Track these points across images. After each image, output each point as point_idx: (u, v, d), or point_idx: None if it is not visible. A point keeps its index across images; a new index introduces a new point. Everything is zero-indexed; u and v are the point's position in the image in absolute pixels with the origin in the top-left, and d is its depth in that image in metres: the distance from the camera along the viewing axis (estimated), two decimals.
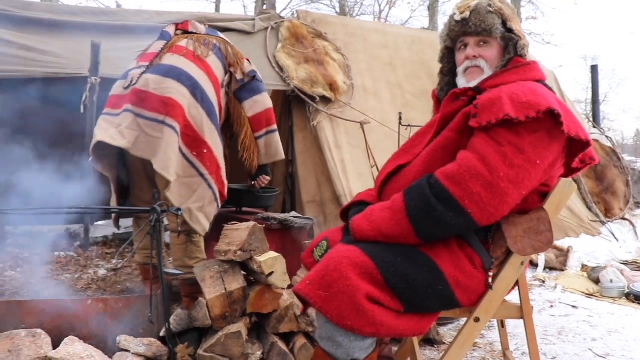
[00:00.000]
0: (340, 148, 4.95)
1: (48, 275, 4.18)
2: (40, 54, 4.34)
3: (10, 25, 4.46)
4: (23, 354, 2.34)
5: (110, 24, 4.86)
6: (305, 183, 4.94)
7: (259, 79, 3.36)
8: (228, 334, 2.46)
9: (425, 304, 1.83)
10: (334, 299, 1.74)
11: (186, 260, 3.02)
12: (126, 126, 2.86)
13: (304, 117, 5.03)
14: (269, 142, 3.38)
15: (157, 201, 2.37)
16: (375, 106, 5.40)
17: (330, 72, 5.11)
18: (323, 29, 5.47)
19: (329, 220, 4.76)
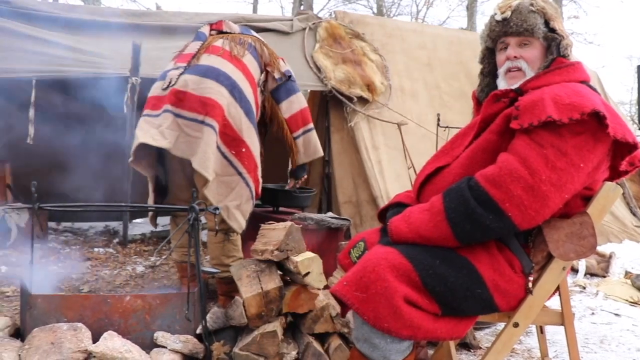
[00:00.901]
0: (377, 149, 4.93)
1: (88, 271, 4.28)
2: (83, 55, 4.44)
3: (55, 27, 4.58)
4: (65, 346, 2.40)
5: (151, 24, 4.95)
6: (341, 184, 4.94)
7: (293, 79, 3.38)
8: (264, 333, 2.47)
9: (463, 307, 1.80)
10: (372, 301, 1.73)
11: (223, 258, 3.05)
12: (166, 126, 2.90)
13: (341, 118, 5.03)
14: (307, 141, 3.40)
15: (195, 200, 2.40)
16: (412, 107, 5.36)
17: (368, 73, 5.10)
18: (361, 30, 5.46)
19: (365, 221, 4.74)
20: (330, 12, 5.88)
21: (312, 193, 3.83)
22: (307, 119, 3.40)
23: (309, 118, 3.43)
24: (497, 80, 2.16)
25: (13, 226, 4.90)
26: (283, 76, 3.31)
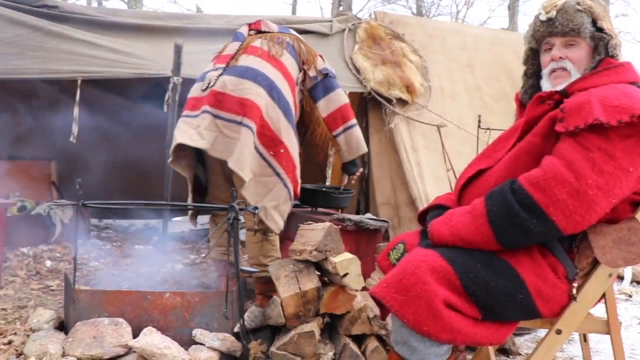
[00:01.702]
0: (416, 151, 4.89)
1: (128, 268, 4.36)
2: (125, 56, 4.53)
3: (99, 29, 4.69)
4: (106, 340, 2.45)
5: (192, 26, 5.02)
6: (379, 185, 4.92)
7: (332, 75, 3.34)
8: (301, 333, 2.47)
9: (504, 312, 1.77)
10: (411, 303, 1.72)
11: (261, 258, 3.07)
12: (205, 127, 2.94)
13: (380, 119, 5.00)
14: (349, 139, 3.37)
15: (235, 199, 2.42)
16: (452, 109, 5.29)
17: (408, 74, 5.06)
18: (400, 30, 5.42)
19: (403, 223, 4.71)
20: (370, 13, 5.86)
21: (351, 194, 3.82)
22: (347, 116, 3.36)
23: (349, 115, 3.37)
24: (541, 81, 2.12)
25: (58, 222, 5.03)
26: (319, 74, 3.29)
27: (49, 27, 4.46)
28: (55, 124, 5.06)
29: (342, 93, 3.40)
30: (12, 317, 3.05)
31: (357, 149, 3.42)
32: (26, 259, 4.46)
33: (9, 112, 5.17)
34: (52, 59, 4.39)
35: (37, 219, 4.96)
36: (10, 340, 2.60)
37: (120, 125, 5.29)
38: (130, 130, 5.14)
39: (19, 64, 4.34)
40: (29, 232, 4.77)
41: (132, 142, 4.98)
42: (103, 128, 5.08)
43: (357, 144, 3.41)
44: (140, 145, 5.01)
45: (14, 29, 4.38)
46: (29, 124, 5.36)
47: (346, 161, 3.46)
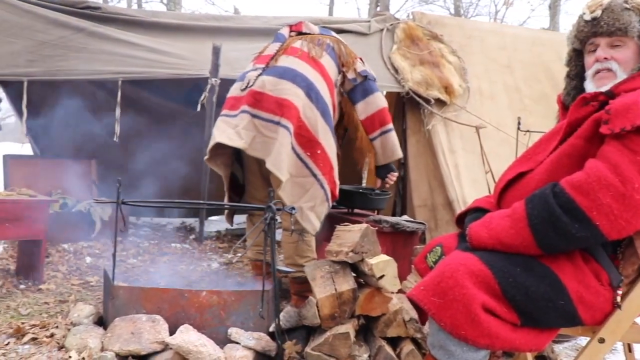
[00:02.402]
0: (454, 152, 4.84)
1: (165, 265, 4.42)
2: (165, 56, 4.60)
3: (139, 30, 4.77)
4: (144, 337, 2.49)
5: (230, 27, 5.06)
6: (416, 187, 4.88)
7: (371, 78, 3.33)
8: (336, 334, 2.47)
9: (544, 318, 1.74)
10: (449, 307, 1.69)
11: (297, 258, 3.07)
12: (243, 127, 2.96)
13: (418, 120, 4.97)
14: (385, 143, 3.35)
15: (272, 199, 2.43)
16: (491, 110, 5.21)
17: (446, 75, 5.01)
18: (439, 31, 5.36)
19: (440, 225, 4.67)
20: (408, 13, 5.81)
21: (388, 195, 3.80)
22: (384, 120, 3.34)
23: (387, 119, 3.36)
24: (584, 83, 2.07)
25: (97, 219, 5.13)
26: (358, 76, 3.28)
27: (92, 28, 4.57)
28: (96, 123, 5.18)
29: (381, 96, 3.38)
30: (54, 311, 3.12)
31: (392, 154, 3.41)
32: (67, 254, 4.56)
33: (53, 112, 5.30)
34: (94, 59, 4.50)
35: (77, 216, 5.07)
36: (53, 333, 2.67)
37: (158, 124, 5.37)
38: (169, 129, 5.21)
39: (63, 64, 4.46)
40: (70, 228, 4.87)
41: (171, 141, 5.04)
42: (142, 127, 5.16)
43: (393, 148, 3.40)
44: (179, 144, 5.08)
45: (58, 30, 4.50)
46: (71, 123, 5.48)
47: (380, 164, 3.45)
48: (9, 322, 2.87)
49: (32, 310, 3.11)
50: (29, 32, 4.45)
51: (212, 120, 4.47)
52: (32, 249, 3.67)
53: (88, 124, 5.36)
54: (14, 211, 3.42)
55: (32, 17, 4.50)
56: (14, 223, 3.42)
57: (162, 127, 5.30)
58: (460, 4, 19.43)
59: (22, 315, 3.02)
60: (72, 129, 5.46)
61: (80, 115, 5.36)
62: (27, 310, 3.10)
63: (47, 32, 4.49)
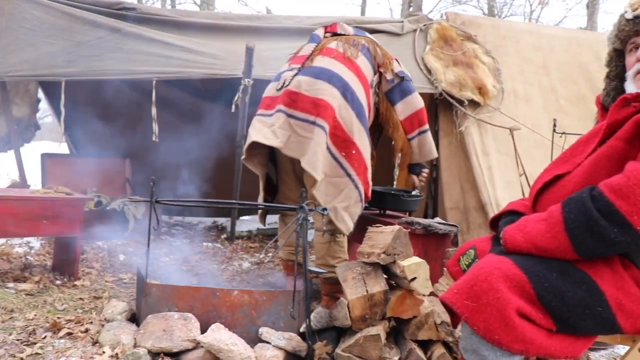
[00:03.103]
0: (487, 154, 4.78)
1: (197, 264, 4.46)
2: (198, 56, 4.65)
3: (173, 30, 4.83)
4: (175, 334, 2.52)
5: (263, 27, 5.09)
6: (449, 189, 4.83)
7: (408, 79, 3.32)
8: (367, 336, 2.46)
9: (580, 325, 1.69)
10: (482, 311, 1.67)
11: (328, 259, 3.07)
12: (279, 126, 2.97)
13: (451, 122, 4.92)
14: (422, 143, 3.36)
15: (304, 200, 2.43)
16: (526, 112, 5.14)
17: (480, 76, 4.95)
18: (473, 31, 5.30)
19: (472, 228, 4.61)
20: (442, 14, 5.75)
21: (420, 197, 3.77)
22: (422, 120, 3.35)
23: (424, 119, 3.37)
24: (624, 84, 2.01)
25: (131, 218, 5.21)
26: (395, 77, 3.28)
27: (127, 29, 4.64)
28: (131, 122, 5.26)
29: (418, 97, 3.38)
30: (88, 307, 3.18)
31: (429, 153, 3.43)
32: (101, 252, 4.64)
33: (89, 111, 5.40)
34: (129, 59, 4.57)
35: (111, 214, 5.16)
36: (87, 329, 2.72)
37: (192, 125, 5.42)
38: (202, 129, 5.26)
39: (99, 65, 4.54)
40: (104, 226, 4.95)
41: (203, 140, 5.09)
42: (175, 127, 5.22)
43: (429, 148, 3.42)
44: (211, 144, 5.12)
45: (95, 31, 4.59)
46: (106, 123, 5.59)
47: (412, 162, 3.45)
48: (46, 316, 2.93)
49: (67, 306, 3.17)
50: (68, 34, 4.55)
51: (245, 120, 4.50)
52: (67, 245, 3.74)
53: (123, 123, 5.45)
54: (51, 209, 3.50)
55: (70, 19, 4.60)
56: (51, 220, 3.49)
57: (195, 127, 5.35)
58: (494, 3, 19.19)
59: (58, 310, 3.08)
60: (107, 128, 5.56)
61: (115, 115, 5.46)
62: (62, 306, 3.16)
63: (84, 33, 4.58)
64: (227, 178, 5.15)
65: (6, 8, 4.55)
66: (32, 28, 4.54)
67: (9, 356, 2.44)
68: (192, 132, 5.33)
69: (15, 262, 3.98)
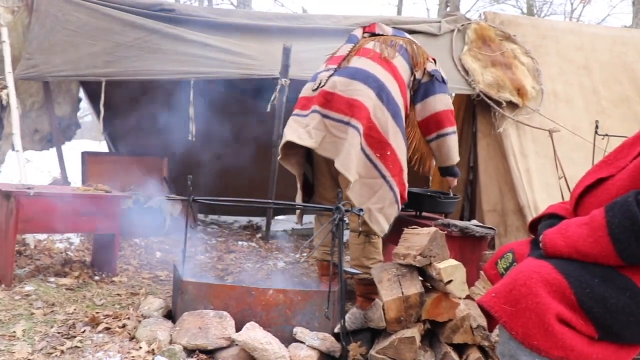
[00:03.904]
0: (526, 157, 4.70)
1: (232, 263, 4.49)
2: (236, 56, 4.68)
3: (211, 30, 4.88)
4: (210, 332, 2.54)
5: (300, 27, 5.10)
6: (486, 191, 4.77)
7: (438, 79, 3.25)
8: (402, 338, 2.44)
9: (624, 333, 1.65)
10: (521, 316, 1.63)
11: (363, 260, 3.06)
12: (313, 126, 2.97)
13: (489, 123, 4.85)
14: (440, 146, 3.28)
15: (340, 200, 2.43)
16: (566, 113, 5.03)
17: (518, 76, 4.87)
18: (512, 31, 5.21)
19: (510, 231, 4.55)
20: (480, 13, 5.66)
21: (457, 199, 3.72)
22: (442, 123, 3.25)
23: (444, 122, 3.26)
24: None
25: (167, 216, 5.28)
26: (424, 76, 3.22)
27: (165, 30, 4.71)
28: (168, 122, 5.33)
29: (442, 99, 3.27)
30: (125, 303, 3.23)
31: (447, 158, 3.33)
32: (138, 249, 4.71)
33: (128, 111, 5.50)
34: (167, 60, 4.64)
35: (149, 212, 5.22)
36: (124, 324, 2.77)
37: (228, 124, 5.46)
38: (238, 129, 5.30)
39: (138, 65, 4.62)
40: (142, 224, 5.03)
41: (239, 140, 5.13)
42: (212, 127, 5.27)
43: (448, 153, 3.31)
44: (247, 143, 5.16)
45: (134, 32, 4.67)
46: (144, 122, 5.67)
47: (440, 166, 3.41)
48: (85, 311, 2.99)
49: (105, 301, 3.23)
50: (108, 35, 4.65)
51: (282, 120, 4.51)
52: (106, 242, 3.81)
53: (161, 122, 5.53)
54: (91, 206, 3.56)
55: (111, 20, 4.69)
56: (91, 217, 3.56)
57: (232, 126, 5.40)
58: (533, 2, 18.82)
59: (97, 305, 3.14)
60: (145, 127, 5.65)
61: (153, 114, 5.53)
62: (101, 301, 3.22)
63: (123, 34, 4.67)
64: (263, 177, 5.17)
65: (51, 10, 4.67)
66: (75, 30, 4.65)
67: (50, 348, 2.50)
68: (228, 132, 5.38)
69: (56, 257, 4.07)
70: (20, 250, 4.04)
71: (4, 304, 3.00)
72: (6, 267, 3.33)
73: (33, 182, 4.29)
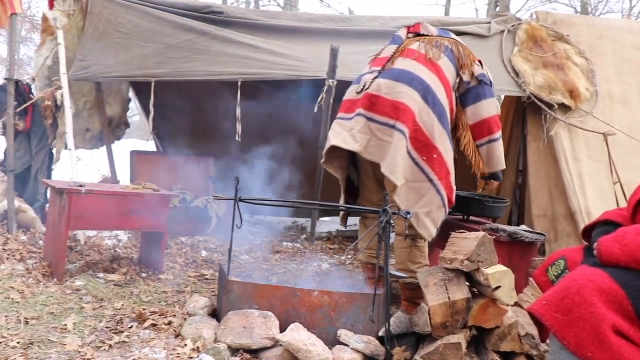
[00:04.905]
0: (578, 160, 4.56)
1: (276, 263, 4.50)
2: (283, 58, 4.70)
3: (259, 32, 4.92)
4: (255, 332, 2.55)
5: (347, 29, 5.09)
6: (536, 196, 4.65)
7: (487, 83, 3.18)
8: (447, 344, 2.39)
9: None
10: (574, 325, 1.58)
11: (409, 264, 3.02)
12: (358, 130, 2.94)
13: (539, 126, 4.73)
14: (491, 151, 3.19)
15: (387, 203, 2.40)
16: (622, 116, 4.85)
17: (571, 78, 4.73)
18: (565, 31, 5.07)
19: (560, 237, 4.42)
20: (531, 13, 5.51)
21: (506, 204, 3.64)
22: (493, 128, 3.18)
23: (495, 127, 3.19)
24: None
25: (213, 215, 5.34)
26: (473, 80, 3.14)
27: (214, 32, 4.78)
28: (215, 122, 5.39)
29: (493, 103, 3.21)
30: (171, 300, 3.27)
31: (497, 164, 3.23)
32: (184, 247, 4.78)
33: (176, 111, 5.59)
34: (216, 61, 4.70)
35: (195, 211, 5.30)
36: (170, 321, 2.80)
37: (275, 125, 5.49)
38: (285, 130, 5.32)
39: (187, 66, 4.70)
40: (188, 222, 5.10)
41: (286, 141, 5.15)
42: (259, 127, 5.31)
43: (498, 159, 3.22)
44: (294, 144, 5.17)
45: (184, 34, 4.76)
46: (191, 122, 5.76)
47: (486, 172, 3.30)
48: (132, 307, 3.05)
49: (152, 298, 3.28)
50: (158, 36, 4.74)
51: (328, 122, 4.51)
52: (153, 240, 3.88)
53: (208, 122, 5.60)
54: (139, 204, 3.63)
55: (162, 22, 4.78)
56: (139, 215, 3.62)
57: (278, 127, 5.42)
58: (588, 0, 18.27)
59: (143, 302, 3.19)
60: (192, 127, 5.72)
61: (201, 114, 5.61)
62: (147, 298, 3.28)
63: (174, 36, 4.75)
64: (308, 178, 5.18)
65: (104, 13, 4.80)
66: (126, 32, 4.76)
67: (99, 342, 2.56)
68: (275, 132, 5.40)
69: (105, 253, 4.17)
70: (71, 246, 4.16)
71: (56, 298, 3.09)
72: (58, 262, 3.43)
73: (83, 180, 4.40)
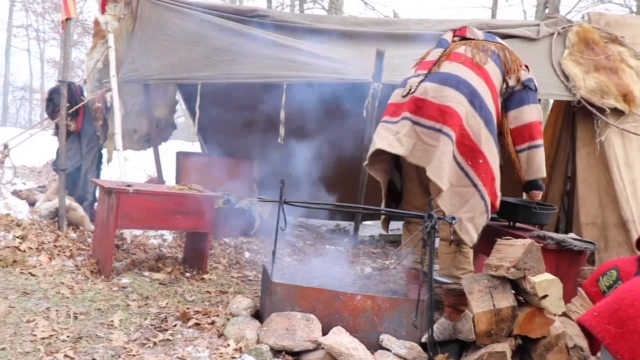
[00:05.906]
0: (631, 167, 4.41)
1: (319, 266, 4.51)
2: (328, 61, 4.70)
3: (304, 36, 4.94)
4: (297, 334, 2.56)
5: (392, 32, 5.06)
6: (585, 203, 4.52)
7: (532, 88, 3.12)
8: (491, 352, 2.35)
9: None
10: (628, 338, 1.53)
11: (453, 270, 2.98)
12: (404, 134, 2.93)
13: (590, 131, 4.59)
14: (531, 158, 3.11)
15: (432, 208, 2.37)
16: None
17: (625, 81, 4.57)
18: (619, 32, 4.90)
19: (611, 247, 4.28)
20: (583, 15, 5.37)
21: (554, 211, 3.55)
22: (534, 134, 3.11)
23: (536, 134, 3.12)
24: None
25: (257, 217, 5.39)
26: (517, 84, 3.09)
27: (260, 35, 4.82)
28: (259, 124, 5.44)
29: (536, 109, 3.15)
30: (215, 300, 3.31)
31: (537, 171, 3.14)
32: (228, 248, 4.84)
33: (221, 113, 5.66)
34: (261, 64, 4.74)
35: (239, 213, 5.35)
36: (213, 321, 2.84)
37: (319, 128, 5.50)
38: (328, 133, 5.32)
39: (233, 68, 4.76)
40: (232, 224, 5.16)
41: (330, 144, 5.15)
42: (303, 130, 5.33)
43: (539, 165, 3.14)
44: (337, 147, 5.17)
45: (231, 37, 4.82)
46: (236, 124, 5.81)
47: (524, 180, 3.22)
48: (176, 306, 3.10)
49: (196, 298, 3.33)
50: (205, 40, 4.82)
51: (374, 125, 4.49)
52: (198, 240, 3.93)
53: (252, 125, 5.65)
54: (185, 204, 3.69)
55: (209, 26, 4.86)
56: (185, 215, 3.68)
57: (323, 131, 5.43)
58: None
59: (187, 301, 3.24)
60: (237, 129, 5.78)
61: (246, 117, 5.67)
62: (191, 297, 3.32)
63: (220, 39, 4.82)
64: (352, 182, 5.17)
65: (153, 17, 4.91)
66: (174, 35, 4.86)
67: (144, 339, 2.61)
68: (319, 136, 5.41)
69: (151, 252, 4.25)
70: (118, 244, 4.25)
71: (103, 294, 3.16)
72: (106, 260, 3.51)
73: (130, 180, 4.50)
